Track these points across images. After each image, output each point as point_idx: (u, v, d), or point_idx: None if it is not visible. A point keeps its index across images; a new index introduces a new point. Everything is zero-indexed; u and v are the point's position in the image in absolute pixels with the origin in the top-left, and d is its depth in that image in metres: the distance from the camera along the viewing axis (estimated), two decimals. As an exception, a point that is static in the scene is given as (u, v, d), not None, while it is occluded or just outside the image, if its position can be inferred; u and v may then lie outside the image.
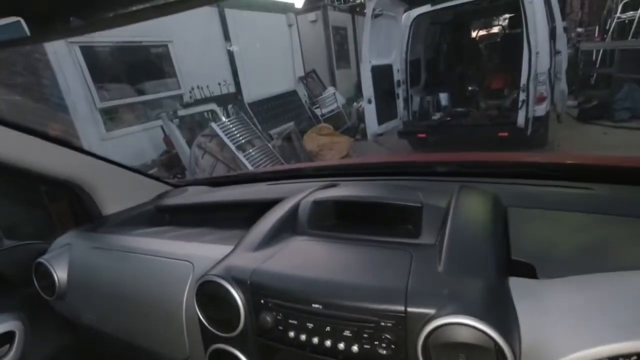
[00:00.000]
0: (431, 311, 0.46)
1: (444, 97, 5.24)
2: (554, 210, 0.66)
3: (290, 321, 0.56)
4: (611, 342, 0.39)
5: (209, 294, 0.62)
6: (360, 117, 7.00)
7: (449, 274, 0.52)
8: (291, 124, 6.06)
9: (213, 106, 4.27)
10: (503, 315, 0.45)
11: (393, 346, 0.49)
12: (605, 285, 0.46)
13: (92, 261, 0.93)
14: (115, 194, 1.19)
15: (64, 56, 4.28)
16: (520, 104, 3.83)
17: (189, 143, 4.02)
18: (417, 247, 0.61)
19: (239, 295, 0.59)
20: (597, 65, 6.72)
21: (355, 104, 7.78)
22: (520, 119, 3.84)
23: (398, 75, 4.71)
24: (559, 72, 4.25)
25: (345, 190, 0.83)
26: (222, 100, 4.67)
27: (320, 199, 0.77)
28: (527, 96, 3.75)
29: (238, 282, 0.60)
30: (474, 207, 0.65)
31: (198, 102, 4.54)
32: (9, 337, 0.94)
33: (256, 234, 0.74)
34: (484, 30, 7.02)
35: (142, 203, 1.23)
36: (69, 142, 1.06)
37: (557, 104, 4.36)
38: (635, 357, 0.39)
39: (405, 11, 4.75)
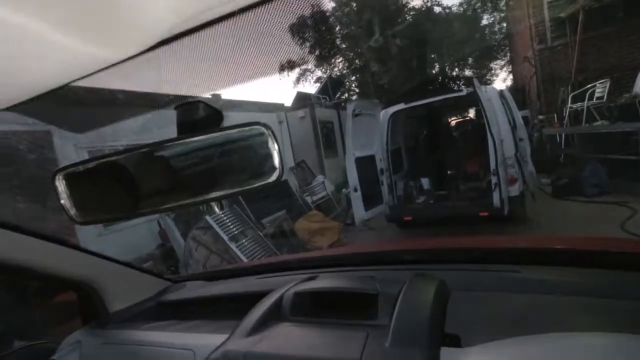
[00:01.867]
0: None
1: (425, 182, 5.61)
2: (487, 291, 0.83)
3: None
4: None
5: None
6: (349, 202, 7.33)
7: (394, 348, 0.66)
8: (283, 212, 6.30)
9: (208, 200, 4.52)
10: None
11: None
12: (512, 346, 0.61)
13: (102, 357, 1.04)
14: (121, 291, 1.31)
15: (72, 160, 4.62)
16: (493, 186, 4.16)
17: (184, 236, 4.17)
18: (374, 327, 0.76)
19: None
20: (562, 147, 7.36)
21: (344, 190, 8.18)
22: (496, 200, 4.13)
23: (381, 164, 5.11)
24: (525, 156, 4.69)
25: (320, 282, 1.00)
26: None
27: (299, 291, 0.93)
28: (498, 179, 4.10)
29: None
30: (420, 293, 0.80)
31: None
32: None
33: (248, 322, 0.88)
34: (456, 120, 7.78)
35: (145, 299, 1.36)
36: (79, 246, 1.22)
37: (528, 183, 4.72)
38: None
39: (382, 109, 5.37)
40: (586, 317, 0.67)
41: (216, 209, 4.43)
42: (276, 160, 0.55)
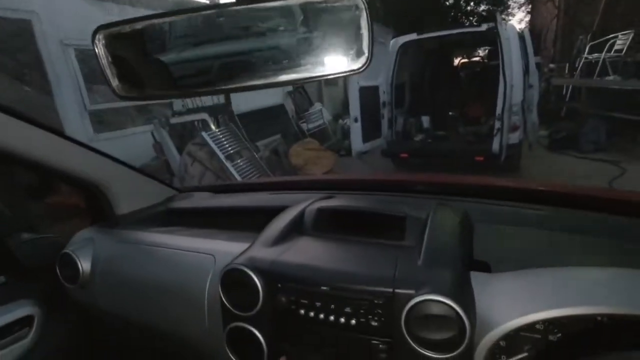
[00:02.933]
0: (412, 292, 0.61)
1: (425, 120, 5.52)
2: (511, 225, 0.84)
3: (301, 301, 0.70)
4: (531, 313, 0.56)
5: (233, 280, 0.75)
6: (345, 134, 7.24)
7: (426, 266, 0.67)
8: (278, 136, 6.22)
9: (204, 116, 4.37)
10: (464, 296, 0.60)
11: (382, 319, 0.64)
12: (538, 276, 0.63)
13: (117, 253, 1.04)
14: (129, 195, 1.29)
15: (57, 57, 4.32)
16: (495, 131, 4.12)
17: (179, 151, 4.10)
18: (402, 247, 0.77)
19: (259, 280, 0.72)
20: (567, 100, 7.24)
21: (340, 121, 8.03)
22: (495, 146, 4.13)
23: (384, 97, 4.95)
24: (531, 105, 4.59)
25: (343, 201, 0.98)
26: (212, 110, 4.79)
27: (323, 207, 0.92)
28: (502, 125, 4.05)
29: (259, 270, 0.73)
30: (448, 219, 0.81)
31: (190, 111, 4.64)
32: (28, 321, 1.02)
33: (270, 233, 0.87)
34: (466, 60, 7.45)
35: (153, 204, 1.34)
36: (86, 144, 1.17)
37: (529, 133, 4.69)
38: (545, 324, 0.57)
39: (393, 37, 5.06)
40: (598, 254, 0.71)
41: (212, 126, 4.32)
42: (366, 44, 0.47)
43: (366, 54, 0.47)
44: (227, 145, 4.21)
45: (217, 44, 0.55)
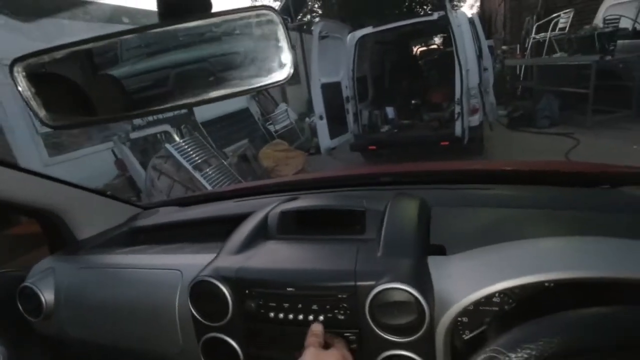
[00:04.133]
0: (373, 283, 0.63)
1: (390, 111, 5.61)
2: (464, 206, 0.87)
3: (270, 304, 0.70)
4: (485, 287, 0.58)
5: (201, 292, 0.74)
6: (313, 132, 7.24)
7: (385, 257, 0.70)
8: (245, 141, 6.14)
9: (166, 127, 4.25)
10: (421, 281, 0.63)
11: (348, 311, 0.66)
12: (490, 253, 0.66)
13: (80, 280, 0.99)
14: (89, 219, 1.24)
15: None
16: (456, 115, 4.25)
17: (143, 165, 3.96)
18: (363, 241, 0.79)
19: (226, 289, 0.72)
20: (521, 79, 7.56)
21: (307, 119, 8.03)
22: (458, 129, 4.26)
23: (347, 92, 4.99)
24: (488, 87, 4.77)
25: (305, 201, 0.98)
26: (174, 121, 4.66)
27: (285, 210, 0.92)
28: (462, 109, 4.18)
29: (226, 279, 0.73)
30: (405, 209, 0.84)
31: (150, 124, 4.49)
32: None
33: (235, 241, 0.86)
34: (424, 48, 7.63)
35: (115, 226, 1.29)
36: (36, 171, 1.10)
37: (488, 114, 4.87)
38: (501, 295, 0.61)
39: (349, 32, 5.09)
40: (548, 226, 0.76)
41: (176, 137, 4.20)
42: (286, 55, 0.47)
43: (288, 64, 0.48)
44: (193, 155, 4.11)
45: (144, 64, 0.54)
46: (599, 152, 4.42)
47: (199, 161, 4.13)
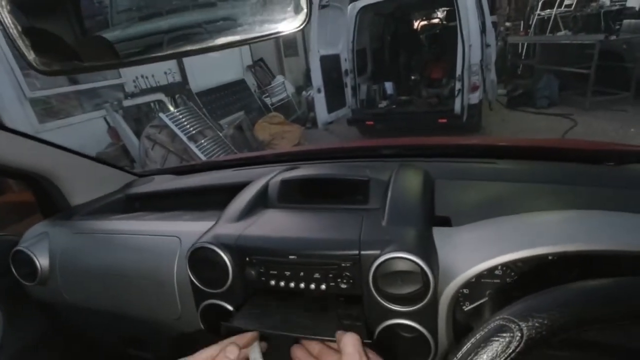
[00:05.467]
0: (377, 252, 0.62)
1: (389, 86, 5.52)
2: (468, 180, 0.87)
3: (270, 272, 0.70)
4: (489, 259, 0.58)
5: (200, 259, 0.73)
6: (310, 105, 7.13)
7: (390, 226, 0.68)
8: (241, 113, 6.04)
9: (160, 96, 4.14)
10: (427, 251, 0.62)
11: (351, 281, 0.65)
12: (494, 225, 0.66)
13: (75, 245, 0.97)
14: (82, 185, 1.21)
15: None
16: (456, 92, 4.19)
17: (137, 134, 3.89)
18: (366, 210, 0.78)
19: (227, 256, 0.71)
20: (523, 57, 7.43)
21: (304, 92, 7.87)
22: (457, 107, 4.21)
23: (346, 65, 4.88)
24: (489, 64, 4.68)
25: (306, 170, 0.96)
26: (169, 90, 4.54)
27: (286, 178, 0.90)
28: (462, 85, 4.12)
29: (226, 246, 0.71)
30: (409, 179, 0.83)
31: (144, 92, 4.37)
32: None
33: (234, 209, 0.85)
34: (425, 21, 7.43)
35: (110, 192, 1.26)
36: (28, 134, 1.06)
37: (488, 92, 4.81)
38: (503, 268, 0.61)
39: (350, 2, 4.92)
40: (551, 200, 0.75)
41: (170, 107, 4.11)
42: None
43: (305, 10, 0.43)
44: (188, 126, 4.04)
45: (148, 9, 0.49)
46: (596, 133, 4.42)
47: (194, 132, 4.06)
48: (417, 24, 7.20)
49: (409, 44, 6.47)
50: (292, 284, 0.68)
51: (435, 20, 7.14)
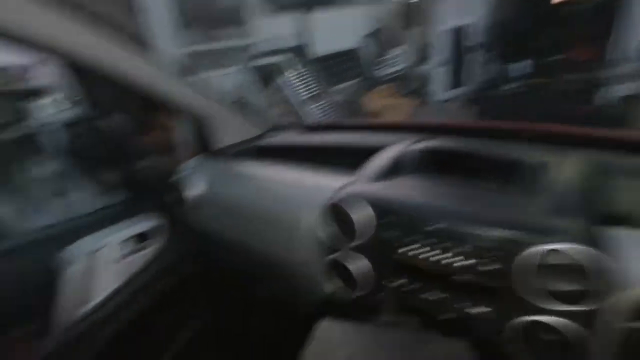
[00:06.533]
0: (544, 240, 0.56)
1: (522, 66, 4.90)
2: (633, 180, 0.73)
3: (411, 239, 0.68)
4: None
5: (336, 212, 0.76)
6: (425, 80, 6.79)
7: (555, 214, 0.61)
8: (354, 81, 6.04)
9: (288, 57, 4.39)
10: (602, 247, 0.54)
11: (502, 266, 0.59)
12: None
13: (221, 181, 1.15)
14: (228, 130, 1.38)
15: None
16: (610, 80, 3.54)
17: (260, 93, 4.21)
18: (524, 194, 0.70)
19: (361, 214, 0.72)
20: None
21: (421, 66, 7.48)
22: (609, 97, 3.56)
23: (476, 39, 4.47)
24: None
25: (449, 142, 0.93)
26: (290, 53, 4.76)
27: (429, 147, 0.88)
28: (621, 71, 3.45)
29: (370, 202, 0.72)
30: (572, 168, 0.73)
31: (268, 54, 4.67)
32: (155, 231, 1.21)
33: (373, 169, 0.86)
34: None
35: (247, 139, 1.42)
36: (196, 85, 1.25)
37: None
38: None
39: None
40: None
41: (292, 70, 4.33)
42: None
43: None
44: (306, 89, 4.23)
45: None
46: None
47: (310, 95, 4.24)
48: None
49: (551, 18, 5.58)
50: (433, 255, 0.65)
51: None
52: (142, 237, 1.18)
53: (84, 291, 1.04)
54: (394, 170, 0.88)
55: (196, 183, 1.22)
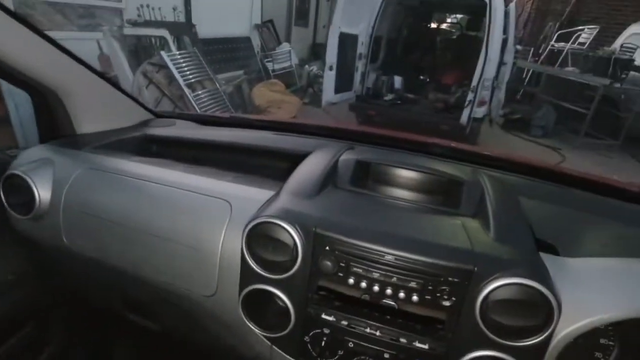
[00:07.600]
0: (496, 272, 0.53)
1: (398, 80, 5.42)
2: (559, 205, 0.78)
3: (354, 269, 0.59)
4: (629, 308, 0.51)
5: (263, 235, 0.62)
6: (311, 81, 6.92)
7: (501, 242, 0.59)
8: (241, 72, 5.75)
9: (165, 33, 3.81)
10: (549, 280, 0.54)
11: (454, 298, 0.56)
12: (626, 265, 0.58)
13: (88, 183, 0.81)
14: (93, 110, 1.04)
15: None
16: (467, 103, 4.16)
17: (132, 68, 3.57)
18: (463, 217, 0.68)
19: (300, 239, 0.60)
20: (525, 83, 7.53)
21: (307, 66, 7.60)
22: (464, 117, 4.19)
23: (361, 48, 4.73)
24: (502, 82, 4.68)
25: (377, 155, 0.86)
26: (174, 28, 4.19)
27: (363, 160, 0.79)
28: (474, 98, 4.09)
29: (302, 228, 0.60)
30: (507, 192, 0.74)
31: (148, 24, 4.01)
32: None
33: (302, 182, 0.73)
34: (445, 25, 7.34)
35: (125, 127, 1.10)
36: (49, 36, 0.88)
37: (493, 110, 4.82)
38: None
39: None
40: None
41: (173, 47, 3.80)
42: None
43: None
44: (188, 72, 3.77)
45: None
46: (582, 173, 4.55)
47: (193, 80, 3.81)
48: (437, 26, 7.09)
49: (424, 43, 6.36)
50: (376, 287, 0.58)
51: (456, 26, 7.07)
52: None
53: None
54: (327, 183, 0.76)
55: (46, 183, 0.84)
